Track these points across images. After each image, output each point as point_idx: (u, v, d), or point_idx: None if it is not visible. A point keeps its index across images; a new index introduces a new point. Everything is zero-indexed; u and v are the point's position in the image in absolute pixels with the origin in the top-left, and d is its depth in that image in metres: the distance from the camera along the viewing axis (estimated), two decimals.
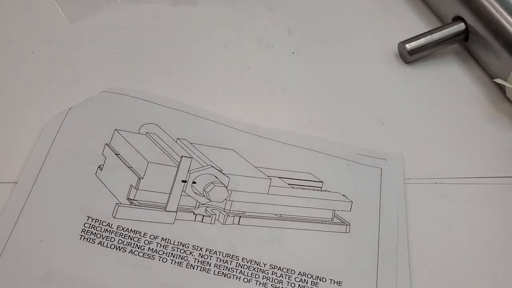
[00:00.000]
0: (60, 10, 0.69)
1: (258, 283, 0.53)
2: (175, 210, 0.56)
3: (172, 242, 0.54)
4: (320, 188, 0.59)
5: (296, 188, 0.59)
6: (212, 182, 0.57)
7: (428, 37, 0.71)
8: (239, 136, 0.62)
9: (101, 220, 0.54)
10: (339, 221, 0.58)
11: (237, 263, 0.54)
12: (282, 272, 0.54)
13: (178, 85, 0.65)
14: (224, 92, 0.65)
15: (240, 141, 0.61)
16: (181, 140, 0.60)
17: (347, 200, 0.59)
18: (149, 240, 0.54)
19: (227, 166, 0.59)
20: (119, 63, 0.66)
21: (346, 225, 0.58)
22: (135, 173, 0.57)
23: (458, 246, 0.58)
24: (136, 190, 0.56)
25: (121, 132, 0.59)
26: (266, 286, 0.53)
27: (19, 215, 0.53)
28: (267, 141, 0.62)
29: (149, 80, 0.65)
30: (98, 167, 0.57)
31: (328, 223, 0.58)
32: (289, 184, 0.59)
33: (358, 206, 0.59)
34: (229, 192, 0.57)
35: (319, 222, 0.57)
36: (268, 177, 0.59)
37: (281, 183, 0.59)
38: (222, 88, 0.65)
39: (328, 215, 0.58)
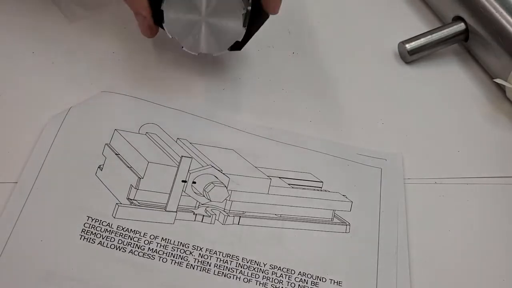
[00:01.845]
0: (60, 10, 0.69)
1: (258, 283, 0.53)
2: (175, 210, 0.56)
3: (172, 242, 0.54)
4: (320, 188, 0.59)
5: (296, 188, 0.59)
6: (212, 182, 0.57)
7: (428, 37, 0.71)
8: (239, 136, 0.62)
9: (101, 220, 0.54)
10: (339, 221, 0.58)
11: (237, 263, 0.54)
12: (282, 272, 0.54)
13: (178, 85, 0.65)
14: (224, 92, 0.65)
15: (240, 141, 0.61)
16: (181, 140, 0.60)
17: (347, 200, 0.59)
18: (149, 240, 0.54)
19: (227, 166, 0.59)
20: (119, 63, 0.66)
21: (346, 225, 0.58)
22: (135, 173, 0.57)
23: (458, 246, 0.59)
24: (136, 190, 0.56)
25: (121, 132, 0.59)
26: (266, 286, 0.53)
27: (19, 215, 0.53)
28: (267, 141, 0.62)
29: (149, 80, 0.65)
30: (98, 167, 0.57)
31: (328, 223, 0.58)
32: (289, 184, 0.59)
33: (358, 206, 0.59)
34: (229, 192, 0.57)
35: (319, 222, 0.57)
36: (268, 177, 0.59)
37: (281, 183, 0.59)
38: (222, 88, 0.65)
39: (328, 215, 0.58)
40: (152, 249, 0.53)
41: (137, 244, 0.53)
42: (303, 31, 0.73)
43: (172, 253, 0.54)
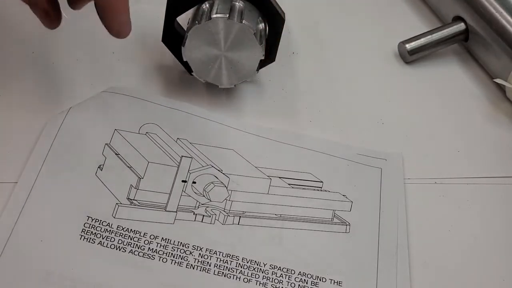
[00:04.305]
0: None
1: (258, 283, 0.53)
2: (175, 210, 0.56)
3: (172, 242, 0.54)
4: (320, 188, 0.59)
5: (296, 188, 0.59)
6: (212, 182, 0.57)
7: (428, 37, 0.71)
8: (239, 136, 0.62)
9: (101, 220, 0.54)
10: (339, 221, 0.58)
11: (237, 263, 0.54)
12: (282, 272, 0.54)
13: (178, 85, 0.65)
14: (223, 92, 0.65)
15: (240, 141, 0.61)
16: (181, 140, 0.60)
17: (347, 200, 0.59)
18: (149, 240, 0.54)
19: (227, 166, 0.59)
20: (119, 63, 0.66)
21: (346, 225, 0.58)
22: (135, 173, 0.57)
23: (458, 246, 0.58)
24: (136, 190, 0.56)
25: (121, 132, 0.59)
26: (266, 286, 0.53)
27: (19, 215, 0.53)
28: (267, 141, 0.62)
29: (149, 80, 0.65)
30: (98, 167, 0.57)
31: (328, 223, 0.58)
32: (289, 184, 0.59)
33: (358, 206, 0.59)
34: (229, 192, 0.57)
35: (319, 222, 0.57)
36: (268, 177, 0.59)
37: (281, 183, 0.59)
38: (222, 88, 0.65)
39: (328, 215, 0.58)
40: (152, 249, 0.53)
41: (137, 244, 0.53)
42: (303, 31, 0.73)
43: (172, 253, 0.54)
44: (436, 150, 0.65)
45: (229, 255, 0.54)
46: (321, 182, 0.60)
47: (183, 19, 0.63)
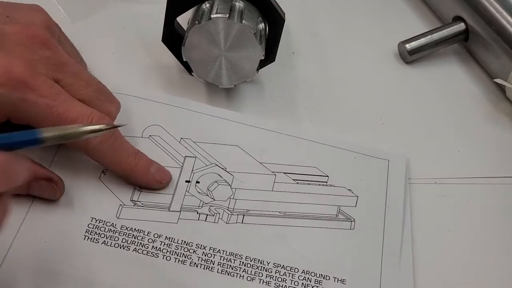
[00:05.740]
0: (61, 10, 0.69)
1: (261, 281, 0.53)
2: (179, 210, 0.56)
3: (175, 241, 0.54)
4: (325, 183, 0.59)
5: (301, 183, 0.59)
6: (216, 181, 0.57)
7: (428, 37, 0.71)
8: (243, 131, 0.62)
9: (104, 221, 0.54)
10: (344, 218, 0.58)
11: (240, 261, 0.54)
12: (285, 271, 0.54)
13: (177, 85, 0.65)
14: (223, 93, 0.65)
15: (244, 136, 0.61)
16: (184, 140, 0.60)
17: (353, 195, 0.59)
18: (153, 238, 0.54)
19: (231, 163, 0.59)
20: (119, 63, 0.66)
21: (351, 221, 0.57)
22: None
23: (458, 246, 0.59)
24: (139, 191, 0.56)
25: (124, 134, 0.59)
26: (269, 284, 0.53)
27: (24, 218, 0.53)
28: (272, 134, 0.62)
29: (149, 80, 0.65)
30: (102, 171, 0.57)
31: (333, 220, 0.57)
32: (294, 180, 0.59)
33: (363, 201, 0.59)
34: (233, 190, 0.57)
35: (323, 219, 0.57)
36: (272, 173, 0.59)
37: (286, 179, 0.59)
38: (222, 89, 0.65)
39: (333, 211, 0.58)
40: (156, 247, 0.53)
41: (141, 243, 0.53)
42: (303, 31, 0.73)
43: (175, 252, 0.53)
44: (436, 150, 0.65)
45: (232, 253, 0.54)
46: (327, 176, 0.60)
47: (183, 19, 0.63)
